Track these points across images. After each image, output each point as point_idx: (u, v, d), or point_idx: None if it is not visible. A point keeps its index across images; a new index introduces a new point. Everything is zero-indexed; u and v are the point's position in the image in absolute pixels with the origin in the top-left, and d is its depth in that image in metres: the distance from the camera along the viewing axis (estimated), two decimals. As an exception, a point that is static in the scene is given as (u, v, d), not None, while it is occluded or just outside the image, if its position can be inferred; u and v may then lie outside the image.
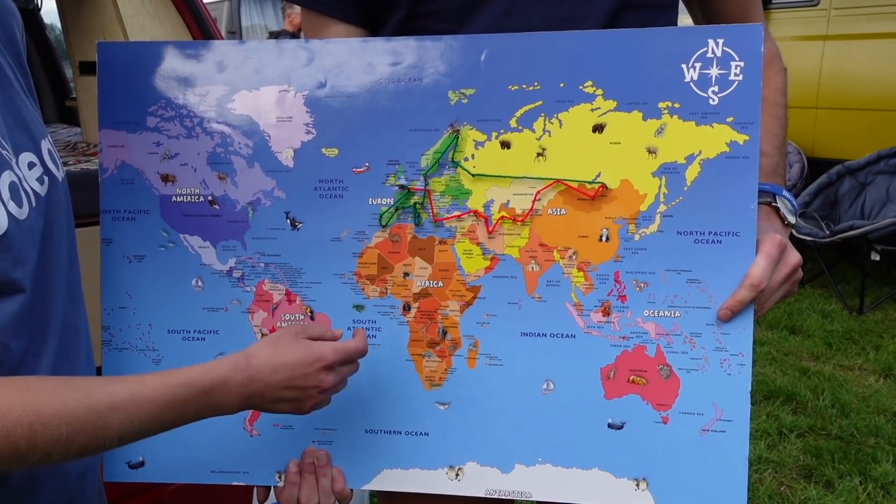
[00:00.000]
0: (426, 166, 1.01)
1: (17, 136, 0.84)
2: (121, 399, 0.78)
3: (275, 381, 0.88)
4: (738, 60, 0.94)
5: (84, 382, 0.79)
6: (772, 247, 0.97)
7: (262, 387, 0.87)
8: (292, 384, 0.89)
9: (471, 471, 1.04)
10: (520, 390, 1.02)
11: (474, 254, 1.02)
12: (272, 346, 0.89)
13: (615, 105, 0.97)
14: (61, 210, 0.90)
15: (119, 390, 0.79)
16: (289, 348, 0.90)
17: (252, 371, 0.87)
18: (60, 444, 0.74)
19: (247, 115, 1.05)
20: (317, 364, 0.90)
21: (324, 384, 0.91)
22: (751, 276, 0.96)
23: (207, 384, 0.84)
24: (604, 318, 1.00)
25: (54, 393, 0.75)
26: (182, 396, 0.82)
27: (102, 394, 0.77)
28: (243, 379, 0.86)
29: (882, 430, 3.02)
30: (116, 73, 1.07)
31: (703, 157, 0.96)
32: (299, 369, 0.89)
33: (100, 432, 0.76)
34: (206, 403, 0.85)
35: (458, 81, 1.00)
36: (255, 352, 0.89)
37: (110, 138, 1.07)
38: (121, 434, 0.78)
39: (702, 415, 0.99)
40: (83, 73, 2.13)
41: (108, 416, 0.76)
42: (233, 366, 0.87)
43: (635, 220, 0.98)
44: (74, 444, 0.75)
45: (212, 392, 0.85)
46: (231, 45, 1.07)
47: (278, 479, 1.06)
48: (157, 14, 1.85)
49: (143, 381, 0.81)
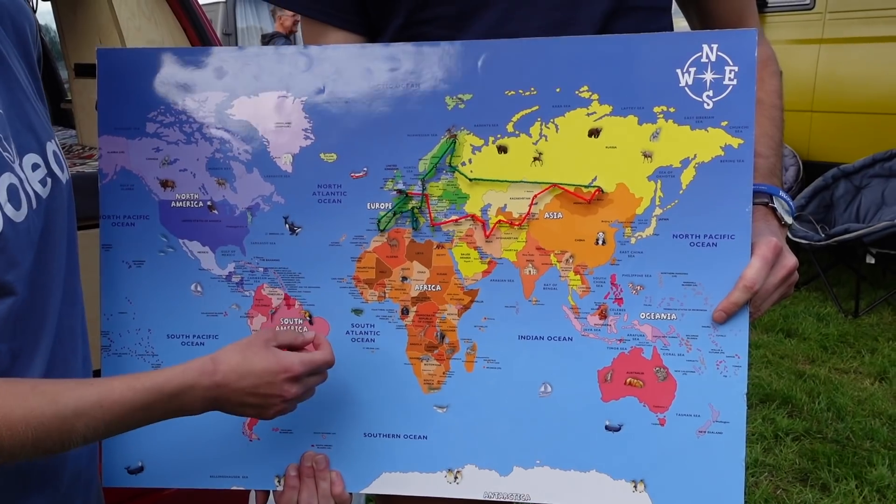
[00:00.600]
0: (424, 171, 1.03)
1: (22, 137, 0.86)
2: (88, 404, 0.80)
3: (240, 388, 0.90)
4: (732, 65, 0.97)
5: (52, 387, 0.81)
6: (767, 249, 0.99)
7: (227, 392, 0.90)
8: (257, 392, 0.91)
9: (469, 474, 1.06)
10: (518, 393, 1.04)
11: (472, 258, 1.04)
12: (240, 353, 0.92)
13: (611, 110, 0.99)
14: (62, 212, 0.91)
15: (86, 395, 0.81)
16: (256, 356, 0.92)
17: (219, 377, 0.89)
18: (27, 448, 0.77)
19: (246, 120, 1.07)
20: (282, 375, 0.92)
21: (287, 394, 0.93)
22: (745, 278, 0.98)
23: (175, 389, 0.87)
24: (601, 320, 1.02)
25: (21, 398, 0.77)
26: (149, 401, 0.85)
27: (69, 399, 0.80)
28: (210, 384, 0.89)
29: (878, 434, 3.06)
30: (116, 80, 1.08)
31: (698, 160, 0.98)
32: (265, 378, 0.91)
33: (65, 436, 0.79)
34: (172, 406, 0.88)
35: (456, 87, 1.02)
36: (223, 357, 0.91)
37: (110, 144, 1.09)
38: (86, 437, 0.81)
39: (698, 416, 1.01)
40: (79, 75, 2.15)
41: (74, 420, 0.79)
42: (200, 370, 0.89)
43: (631, 223, 1.00)
44: (40, 447, 0.78)
45: (179, 396, 0.87)
46: (230, 51, 1.09)
47: (277, 483, 1.08)
48: (153, 16, 1.87)
49: (111, 385, 0.84)
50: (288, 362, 0.92)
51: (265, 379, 0.91)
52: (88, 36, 1.99)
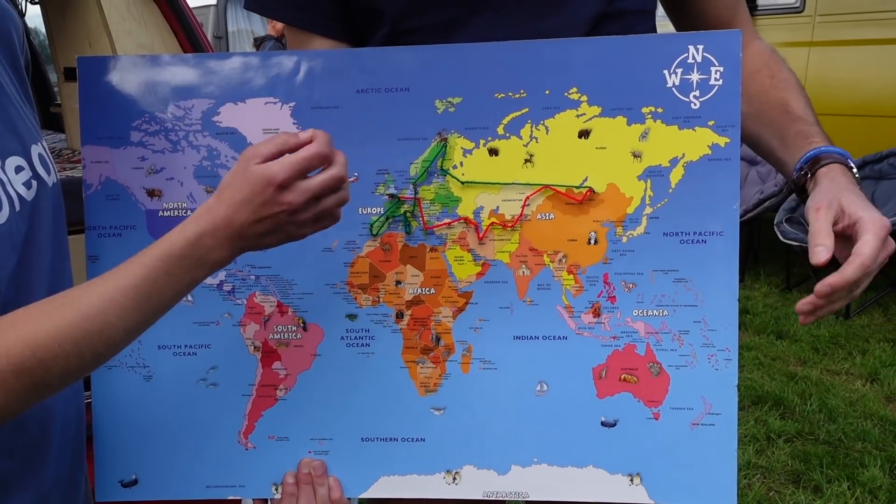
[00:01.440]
0: (415, 175, 1.08)
1: (5, 139, 0.88)
2: (107, 296, 0.83)
3: (243, 219, 0.87)
4: (717, 66, 1.03)
5: (70, 295, 0.84)
6: (881, 227, 0.98)
7: (238, 228, 0.87)
8: (259, 216, 0.87)
9: (468, 474, 1.11)
10: (514, 393, 1.09)
11: (465, 260, 1.09)
12: (228, 187, 0.88)
13: (600, 111, 1.05)
14: (48, 216, 0.94)
15: (103, 290, 0.83)
16: (239, 182, 0.88)
17: (217, 217, 0.87)
18: (73, 360, 0.80)
19: (233, 127, 1.10)
20: (269, 188, 0.86)
21: (289, 205, 0.87)
22: (861, 255, 0.95)
23: (184, 247, 0.86)
24: (594, 319, 1.08)
25: (44, 317, 0.80)
26: (166, 268, 0.85)
27: (89, 299, 0.82)
28: (211, 227, 0.87)
29: (869, 435, 3.14)
30: (98, 88, 1.10)
31: (687, 159, 1.04)
32: (255, 199, 0.87)
33: (105, 333, 0.82)
34: (193, 264, 0.87)
35: (445, 90, 1.07)
36: (216, 197, 0.89)
37: (93, 154, 1.11)
38: (126, 326, 0.84)
39: (692, 409, 1.07)
40: (68, 79, 2.17)
41: (104, 317, 0.82)
42: (197, 218, 0.88)
43: (622, 222, 1.06)
44: (86, 353, 0.81)
45: (192, 252, 0.86)
46: (216, 57, 1.13)
47: (275, 491, 1.12)
48: (143, 19, 1.90)
49: (123, 270, 0.85)
50: (268, 172, 0.86)
51: (256, 200, 0.86)
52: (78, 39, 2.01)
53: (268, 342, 1.12)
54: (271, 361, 1.12)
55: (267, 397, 1.12)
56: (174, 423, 1.13)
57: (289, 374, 1.12)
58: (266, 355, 1.12)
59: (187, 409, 1.13)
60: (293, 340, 1.12)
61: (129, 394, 1.13)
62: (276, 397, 1.12)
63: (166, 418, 1.13)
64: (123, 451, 1.13)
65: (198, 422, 1.12)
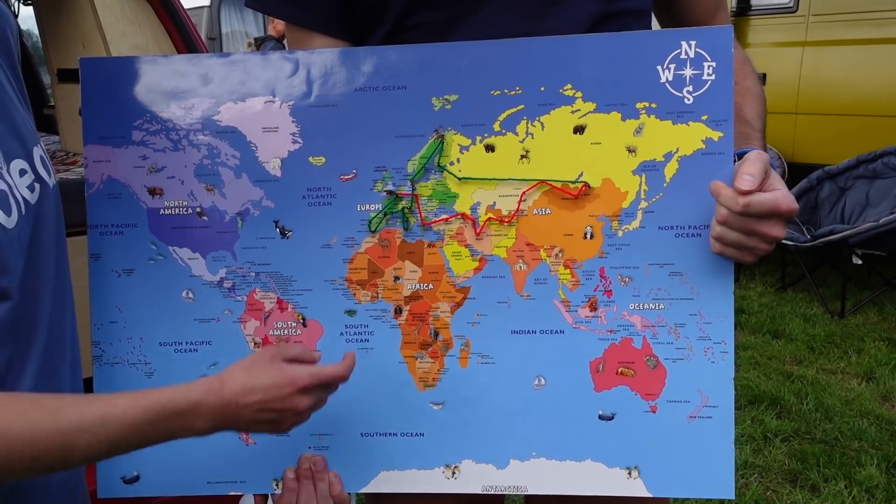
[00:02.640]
0: (413, 171, 1.09)
1: (8, 142, 0.88)
2: (90, 421, 0.82)
3: (248, 403, 0.92)
4: (710, 61, 1.04)
5: (54, 402, 0.84)
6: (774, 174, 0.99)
7: (235, 409, 0.92)
8: (267, 407, 0.93)
9: (467, 469, 1.11)
10: (512, 387, 1.10)
11: (463, 255, 1.10)
12: (247, 370, 0.94)
13: (594, 107, 1.06)
14: (51, 218, 0.94)
15: (89, 411, 0.83)
16: (262, 372, 0.94)
17: (227, 394, 0.91)
18: (25, 463, 0.79)
19: (233, 126, 1.11)
20: (289, 388, 0.94)
21: (298, 407, 0.95)
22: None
23: (181, 407, 0.89)
24: (591, 312, 1.09)
25: (23, 414, 0.79)
26: (152, 418, 0.87)
27: (71, 415, 0.82)
28: (217, 402, 0.91)
29: (865, 434, 3.15)
30: (100, 88, 1.12)
31: (681, 154, 1.06)
32: (272, 392, 0.93)
33: (66, 453, 0.81)
34: (177, 426, 0.89)
35: (442, 88, 1.08)
36: (229, 375, 0.93)
37: (96, 153, 1.13)
38: (87, 454, 0.83)
39: (689, 402, 1.08)
40: (62, 80, 2.17)
41: (76, 437, 0.81)
42: (207, 389, 0.91)
43: (618, 217, 1.07)
44: (41, 463, 0.80)
45: (184, 415, 0.89)
46: (215, 57, 1.14)
47: (275, 486, 1.13)
48: (137, 21, 1.90)
49: (115, 402, 0.86)
50: (294, 375, 0.95)
51: (272, 393, 0.93)
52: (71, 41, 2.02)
53: (268, 338, 1.13)
54: (271, 357, 1.12)
55: None
56: None
57: (289, 370, 1.12)
58: (266, 351, 1.13)
59: None
60: (293, 336, 1.12)
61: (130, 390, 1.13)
62: None
63: None
64: None
65: None
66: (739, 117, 1.12)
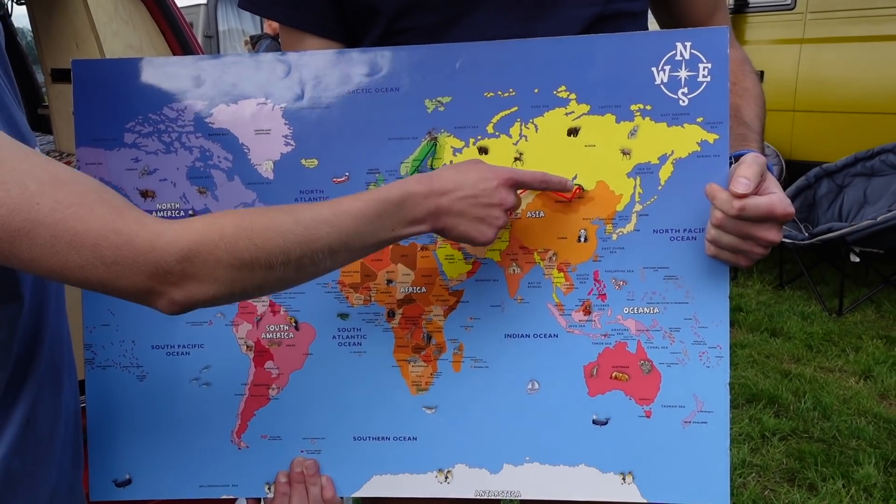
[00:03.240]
0: (406, 174, 1.08)
1: None
2: (323, 215, 0.89)
3: (458, 197, 0.95)
4: (705, 62, 1.03)
5: (287, 206, 0.93)
6: (772, 179, 0.98)
7: (447, 201, 0.95)
8: (476, 201, 0.96)
9: (460, 473, 1.10)
10: (505, 391, 1.09)
11: (456, 258, 1.09)
12: (455, 168, 0.98)
13: (588, 109, 1.05)
14: None
15: (320, 208, 0.90)
16: (469, 167, 0.97)
17: (435, 185, 0.95)
18: (278, 255, 0.84)
19: (225, 128, 1.10)
20: (495, 181, 0.96)
21: (506, 202, 0.97)
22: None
23: (397, 197, 0.92)
24: (585, 316, 1.08)
25: (263, 213, 0.88)
26: (376, 210, 0.91)
27: (306, 210, 0.89)
28: (426, 190, 0.94)
29: (863, 433, 3.14)
30: (92, 90, 1.11)
31: (676, 156, 1.04)
32: (480, 185, 0.96)
33: (311, 243, 0.87)
34: (400, 216, 0.93)
35: (435, 90, 1.07)
36: (438, 173, 0.98)
37: (88, 155, 1.11)
38: (330, 245, 0.88)
39: (683, 407, 1.07)
40: (55, 80, 2.16)
41: (315, 227, 0.87)
42: (416, 181, 0.95)
43: (612, 220, 1.06)
44: (291, 254, 0.86)
45: (402, 204, 0.93)
46: (207, 59, 1.13)
47: (268, 490, 1.12)
48: (130, 20, 1.89)
49: (340, 201, 0.91)
50: (500, 170, 0.98)
51: (480, 186, 0.96)
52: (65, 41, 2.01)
53: (260, 341, 1.12)
54: (264, 361, 1.12)
55: (259, 396, 1.12)
56: (167, 422, 1.13)
57: (281, 374, 1.11)
58: (258, 355, 1.12)
59: (180, 409, 1.13)
60: (285, 340, 1.11)
61: (122, 393, 1.12)
62: (269, 396, 1.12)
63: (160, 418, 1.13)
64: (117, 451, 1.13)
65: (191, 421, 1.12)
66: (737, 118, 1.11)
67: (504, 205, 0.97)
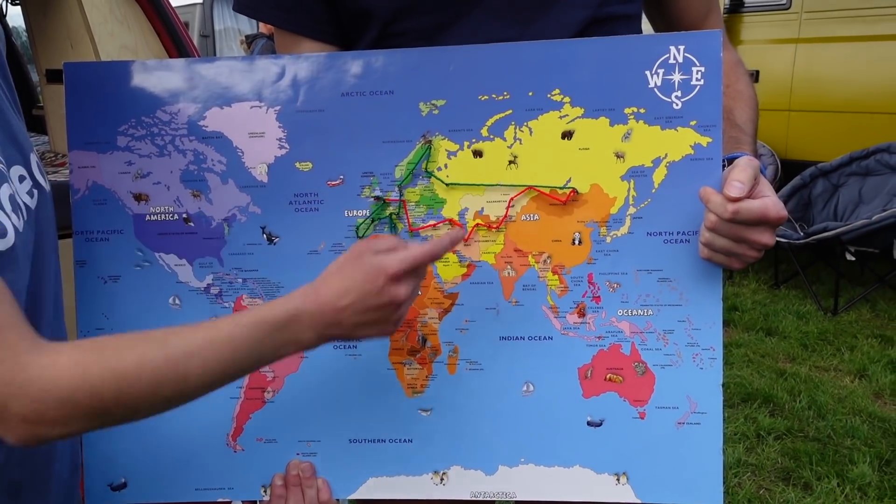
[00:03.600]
0: (400, 177, 1.08)
1: (8, 149, 0.88)
2: (196, 345, 0.82)
3: (346, 305, 0.88)
4: (699, 66, 1.03)
5: (158, 334, 0.83)
6: (764, 182, 0.97)
7: (334, 312, 0.88)
8: (365, 305, 0.89)
9: (455, 475, 1.10)
10: (500, 393, 1.09)
11: (451, 261, 1.09)
12: (338, 271, 0.90)
13: (583, 112, 1.05)
14: (50, 223, 0.94)
15: (194, 337, 0.83)
16: (353, 269, 0.90)
17: (322, 298, 0.88)
18: (144, 398, 0.80)
19: (219, 131, 1.10)
20: (381, 279, 0.88)
21: (396, 298, 0.90)
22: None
23: (281, 319, 0.86)
24: (579, 319, 1.08)
25: (131, 348, 0.80)
26: (257, 335, 0.85)
27: (178, 342, 0.82)
28: (314, 308, 0.87)
29: (858, 432, 3.14)
30: (85, 93, 1.10)
31: (669, 159, 1.04)
32: (366, 287, 0.88)
33: (181, 381, 0.81)
34: (284, 339, 0.87)
35: (429, 93, 1.07)
36: (322, 280, 0.90)
37: (80, 159, 1.11)
38: (202, 378, 0.83)
39: (677, 408, 1.07)
40: (50, 81, 2.15)
41: (186, 363, 0.81)
42: (303, 296, 0.88)
43: (606, 222, 1.06)
44: (158, 395, 0.81)
45: (287, 327, 0.86)
46: (201, 62, 1.13)
47: (263, 493, 1.12)
48: (125, 20, 1.88)
49: (216, 325, 0.85)
50: (384, 263, 0.89)
51: (366, 288, 0.88)
52: (60, 41, 1.99)
53: (255, 345, 1.11)
54: (259, 364, 1.11)
55: (254, 400, 1.12)
56: (162, 426, 1.12)
57: (276, 377, 1.11)
58: (253, 358, 1.11)
59: (175, 412, 1.11)
60: None
61: None
62: (264, 399, 1.11)
63: (154, 421, 1.11)
64: (112, 455, 1.13)
65: (186, 425, 1.12)
66: (730, 121, 1.11)
67: (395, 300, 0.90)
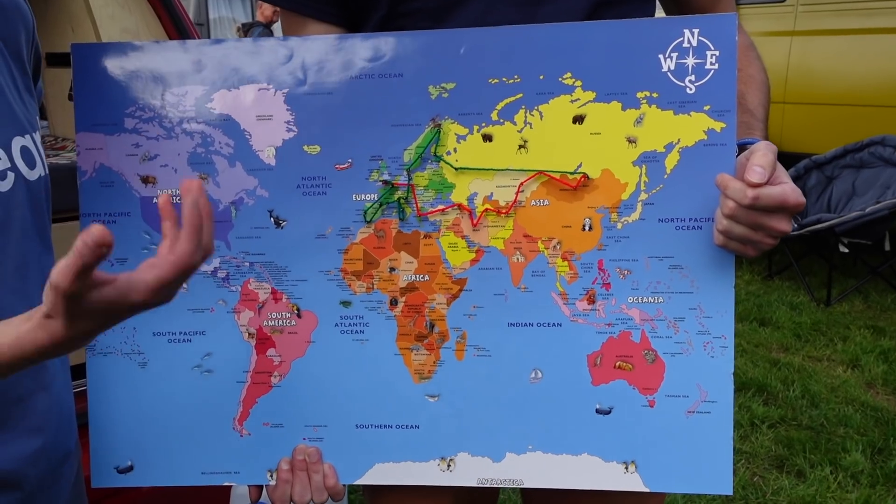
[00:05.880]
0: (409, 161, 1.05)
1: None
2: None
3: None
4: (713, 50, 1.00)
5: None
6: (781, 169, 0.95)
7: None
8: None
9: (462, 461, 1.07)
10: (508, 380, 1.06)
11: (459, 246, 1.06)
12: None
13: (594, 96, 1.02)
14: (24, 207, 0.90)
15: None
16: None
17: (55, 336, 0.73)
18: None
19: (227, 114, 1.07)
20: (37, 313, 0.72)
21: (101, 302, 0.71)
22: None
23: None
24: (589, 305, 1.05)
25: None
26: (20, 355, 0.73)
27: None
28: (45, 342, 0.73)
29: (851, 420, 3.13)
30: (92, 75, 1.08)
31: (682, 145, 1.01)
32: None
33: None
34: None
35: (439, 76, 1.04)
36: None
37: (88, 141, 1.08)
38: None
39: (687, 397, 1.04)
40: (51, 64, 2.12)
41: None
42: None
43: (617, 208, 1.03)
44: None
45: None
46: (209, 43, 1.09)
47: (270, 477, 1.09)
48: (126, 3, 1.85)
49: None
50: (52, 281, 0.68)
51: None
52: (60, 24, 1.96)
53: (262, 329, 1.08)
54: (265, 348, 1.08)
55: (261, 384, 1.09)
56: (169, 409, 1.10)
57: (283, 361, 1.08)
58: (260, 342, 1.08)
59: (182, 396, 1.09)
60: (287, 327, 1.08)
61: (124, 381, 1.09)
62: (271, 384, 1.09)
63: (161, 405, 1.10)
64: (118, 438, 1.10)
65: (192, 408, 1.09)
66: (742, 106, 1.08)
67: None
